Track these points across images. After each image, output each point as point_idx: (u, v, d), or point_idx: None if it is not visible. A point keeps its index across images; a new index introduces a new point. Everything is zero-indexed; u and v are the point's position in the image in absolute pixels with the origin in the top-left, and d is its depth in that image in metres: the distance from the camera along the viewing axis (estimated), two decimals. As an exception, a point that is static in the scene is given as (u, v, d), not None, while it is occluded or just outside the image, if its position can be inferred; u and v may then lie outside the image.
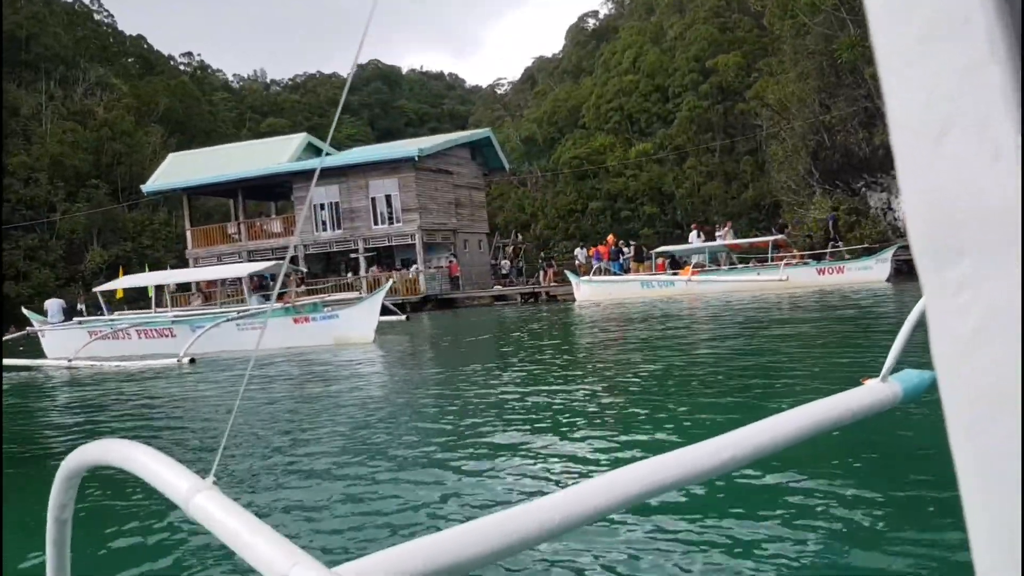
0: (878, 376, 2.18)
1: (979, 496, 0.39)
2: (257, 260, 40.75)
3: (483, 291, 38.53)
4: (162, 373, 16.21)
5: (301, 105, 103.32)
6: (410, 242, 38.42)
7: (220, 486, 1.22)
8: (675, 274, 29.65)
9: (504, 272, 42.89)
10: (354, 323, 19.84)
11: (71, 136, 53.32)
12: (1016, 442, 0.37)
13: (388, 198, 38.57)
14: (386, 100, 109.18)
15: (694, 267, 29.83)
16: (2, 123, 44.33)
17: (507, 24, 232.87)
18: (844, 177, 32.28)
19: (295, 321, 19.87)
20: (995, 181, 0.36)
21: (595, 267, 31.78)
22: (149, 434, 9.04)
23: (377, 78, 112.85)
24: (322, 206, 39.27)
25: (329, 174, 38.90)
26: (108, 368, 17.57)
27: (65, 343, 20.16)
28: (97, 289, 22.15)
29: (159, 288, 24.62)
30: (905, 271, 27.81)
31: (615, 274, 31.95)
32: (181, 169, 41.51)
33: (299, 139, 42.61)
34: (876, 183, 31.26)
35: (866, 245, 29.79)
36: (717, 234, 33.90)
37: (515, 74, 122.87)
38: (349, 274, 39.10)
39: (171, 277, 22.71)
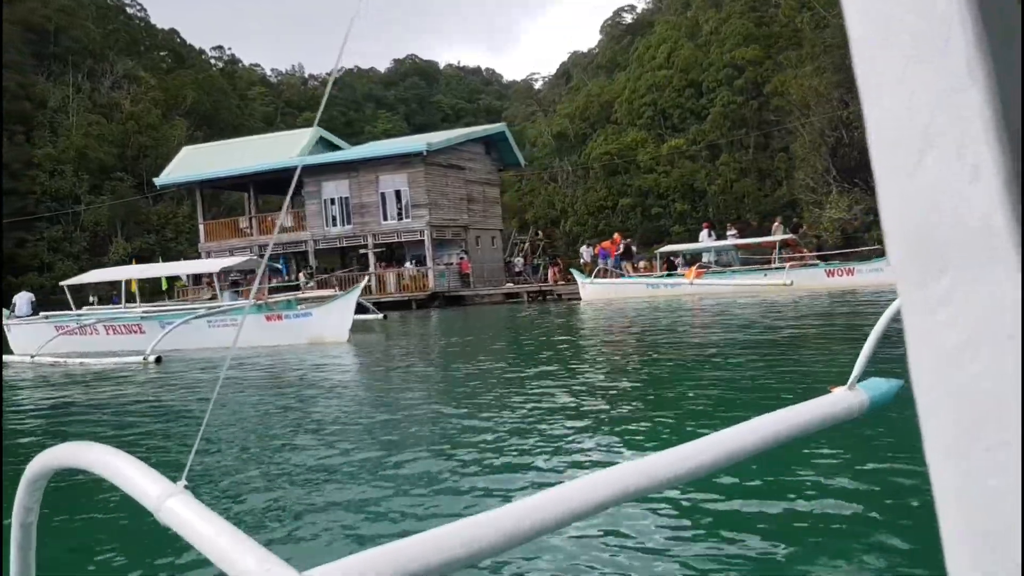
0: (845, 384, 2.14)
1: (957, 515, 0.39)
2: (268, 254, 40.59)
3: (491, 288, 37.79)
4: (126, 372, 15.77)
5: (337, 100, 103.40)
6: (419, 238, 37.84)
7: (191, 490, 1.18)
8: (670, 275, 28.62)
9: (518, 270, 42.11)
10: (328, 322, 19.31)
11: (96, 129, 53.69)
12: (999, 453, 0.37)
13: (398, 193, 38.05)
14: (423, 95, 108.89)
15: (700, 267, 28.78)
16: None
17: (546, 19, 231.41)
18: (863, 175, 30.91)
19: (267, 319, 19.37)
20: (974, 200, 0.37)
21: (599, 267, 30.84)
22: (111, 435, 8.73)
23: (414, 73, 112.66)
24: (332, 201, 38.90)
25: (339, 169, 38.51)
26: (71, 365, 17.18)
27: (32, 338, 19.81)
28: (64, 283, 21.81)
29: (171, 280, 24.31)
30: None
31: (620, 274, 31.00)
32: (195, 162, 41.43)
33: (310, 133, 42.24)
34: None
35: (879, 247, 28.47)
36: (729, 233, 32.77)
37: (551, 69, 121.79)
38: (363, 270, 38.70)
39: (138, 272, 22.32)
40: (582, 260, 34.53)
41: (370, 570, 1.04)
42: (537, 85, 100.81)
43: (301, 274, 39.64)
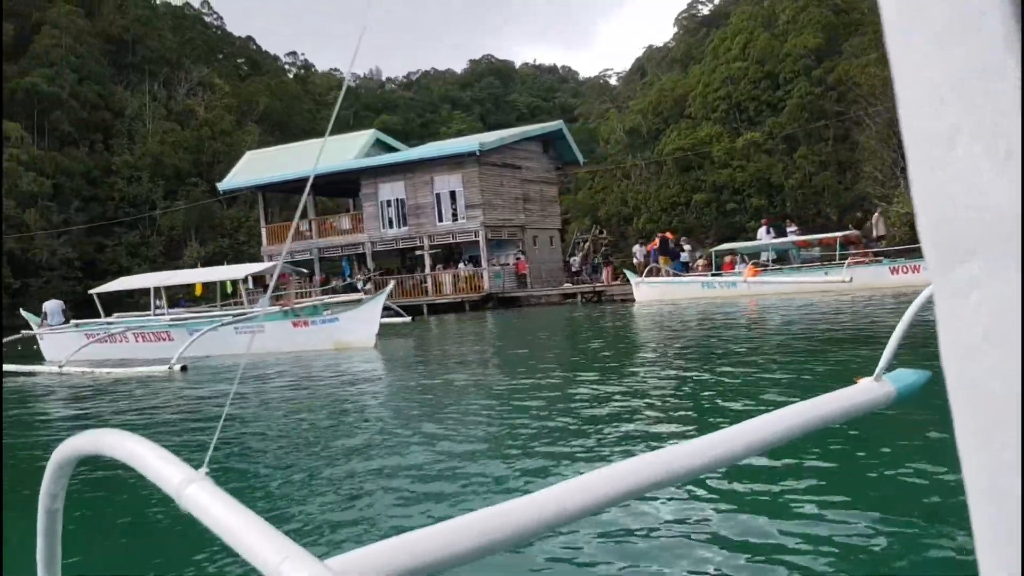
0: (872, 376, 2.11)
1: (987, 502, 0.39)
2: (327, 256, 40.94)
3: (544, 289, 37.23)
4: (152, 381, 15.80)
5: (414, 102, 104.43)
6: (474, 239, 37.55)
7: (213, 478, 1.20)
8: (716, 273, 27.58)
9: (575, 269, 41.40)
10: (354, 327, 19.16)
11: (172, 136, 55.20)
12: (1016, 454, 0.37)
13: (452, 194, 37.85)
14: (498, 95, 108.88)
15: (758, 265, 27.65)
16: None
17: (622, 13, 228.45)
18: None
19: (294, 325, 19.33)
20: (1006, 183, 0.37)
21: (650, 266, 29.95)
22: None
23: (490, 73, 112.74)
24: (388, 203, 38.95)
25: (395, 170, 38.55)
26: (99, 374, 17.33)
27: (63, 347, 20.01)
28: (93, 291, 22.14)
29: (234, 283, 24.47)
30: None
31: (675, 273, 30.04)
32: (258, 166, 42.09)
33: (367, 135, 42.44)
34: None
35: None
36: (789, 230, 31.44)
37: (626, 65, 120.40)
38: (418, 271, 38.70)
39: (169, 279, 22.53)
40: (635, 259, 33.65)
41: (390, 558, 1.04)
42: (612, 81, 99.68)
43: (358, 276, 39.90)
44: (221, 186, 42.90)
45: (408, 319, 24.16)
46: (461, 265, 38.23)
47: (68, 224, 50.18)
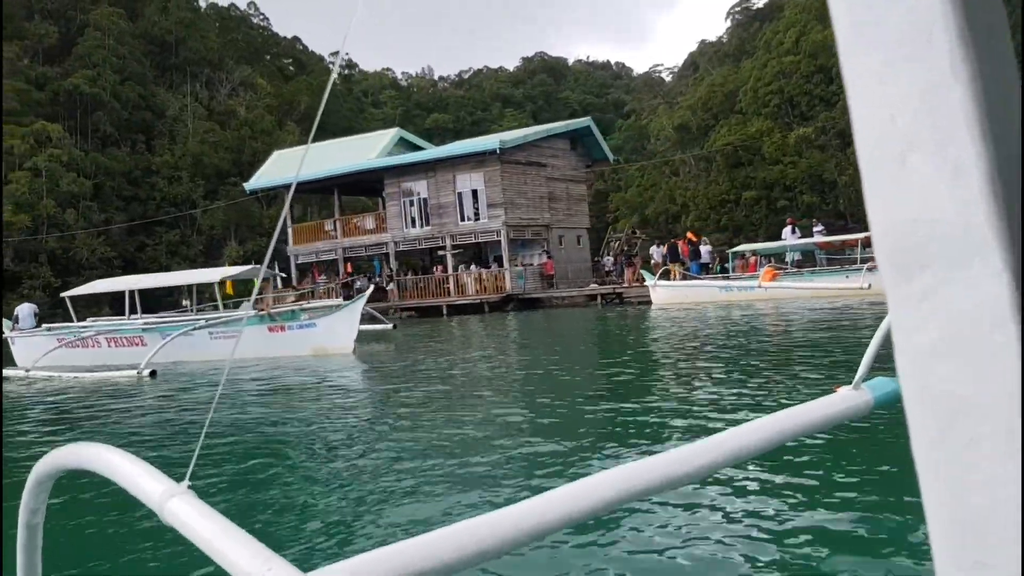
0: (851, 384, 2.10)
1: (942, 510, 0.40)
2: (351, 256, 40.62)
3: (565, 291, 36.26)
4: (118, 387, 15.43)
5: (465, 100, 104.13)
6: (496, 238, 36.79)
7: (194, 490, 1.20)
8: (725, 275, 26.36)
9: (607, 269, 40.29)
10: (332, 332, 18.63)
11: (212, 136, 55.67)
12: (975, 450, 0.38)
13: (474, 193, 37.13)
14: (550, 92, 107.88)
15: (775, 268, 26.30)
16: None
17: (679, 9, 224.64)
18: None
19: (270, 330, 18.86)
20: (956, 198, 0.37)
21: (663, 267, 28.81)
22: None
23: (543, 70, 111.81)
24: (411, 202, 38.43)
25: (417, 169, 38.01)
26: (65, 379, 17.04)
27: (34, 351, 19.74)
28: (66, 294, 21.92)
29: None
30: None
31: (693, 275, 28.86)
32: (284, 166, 42.00)
33: (391, 134, 42.02)
34: None
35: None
36: (815, 230, 29.96)
37: (679, 60, 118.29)
38: (437, 270, 38.12)
39: (141, 282, 22.21)
40: (652, 261, 32.52)
41: (374, 570, 1.04)
42: (667, 77, 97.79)
43: (381, 276, 39.52)
44: (248, 185, 42.96)
45: (390, 326, 23.49)
46: (474, 266, 37.56)
47: (109, 224, 50.94)
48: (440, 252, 38.45)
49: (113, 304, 25.06)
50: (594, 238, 58.00)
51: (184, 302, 35.34)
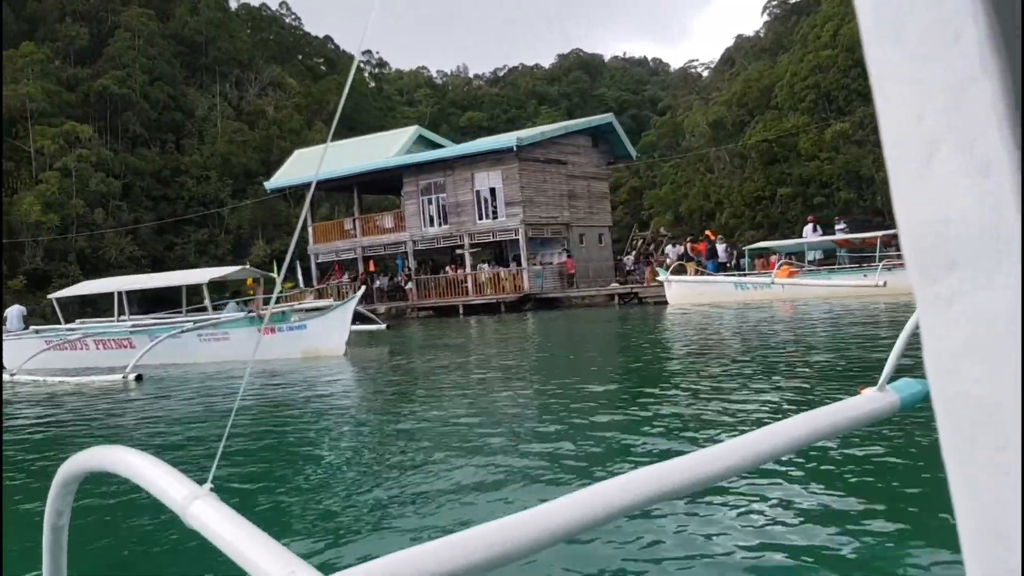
0: (875, 385, 2.09)
1: (972, 511, 0.39)
2: (370, 255, 40.39)
3: (583, 290, 35.64)
4: (104, 391, 15.15)
5: (499, 98, 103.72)
6: (514, 237, 36.28)
7: (217, 492, 1.21)
8: (736, 272, 25.53)
9: (629, 268, 39.56)
10: (323, 334, 18.35)
11: (240, 135, 55.89)
12: (1006, 454, 0.38)
13: (492, 191, 36.66)
14: (585, 89, 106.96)
15: (790, 266, 25.44)
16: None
17: (717, 3, 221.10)
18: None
19: (261, 332, 18.55)
20: (984, 196, 0.37)
21: (674, 265, 28.06)
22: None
23: (578, 67, 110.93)
24: (429, 200, 38.08)
25: (435, 167, 37.65)
26: (51, 383, 16.83)
27: (23, 354, 19.47)
28: (53, 296, 21.78)
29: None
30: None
31: (709, 273, 28.09)
32: (305, 165, 41.90)
33: (410, 132, 41.70)
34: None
35: None
36: (837, 228, 28.99)
37: (715, 56, 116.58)
38: (458, 269, 37.75)
39: (131, 283, 22.02)
40: (668, 261, 31.78)
41: (396, 572, 1.04)
42: (704, 73, 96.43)
43: (400, 275, 39.24)
44: (269, 184, 42.95)
45: (382, 326, 23.09)
46: (486, 265, 37.09)
47: (138, 223, 51.40)
48: (459, 251, 38.06)
49: (141, 303, 24.93)
50: (624, 236, 57.28)
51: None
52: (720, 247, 29.98)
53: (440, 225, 37.98)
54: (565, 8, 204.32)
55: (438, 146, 41.91)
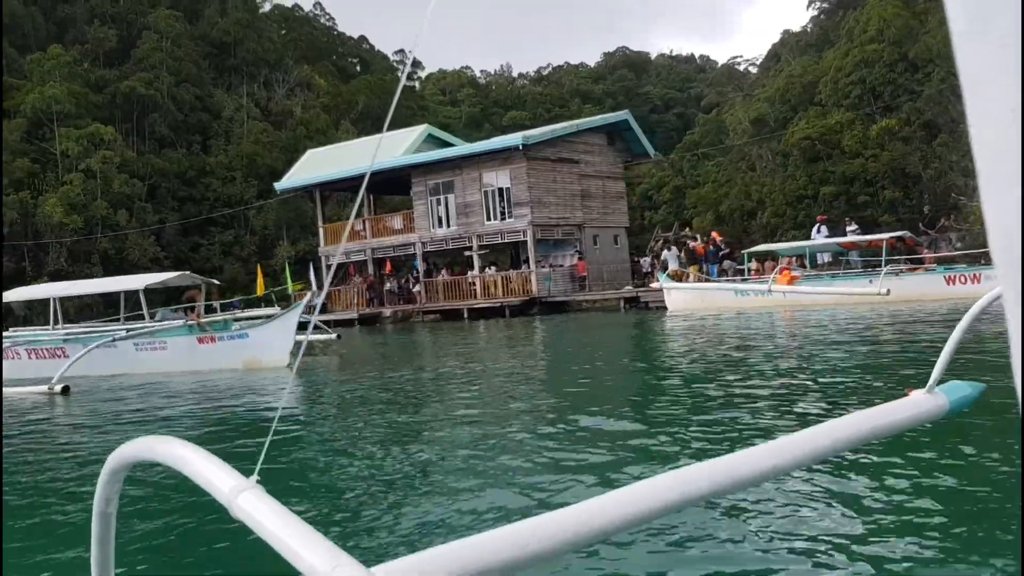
0: (924, 388, 2.05)
1: None
2: (379, 256, 39.58)
3: (590, 294, 34.30)
4: (26, 405, 14.26)
5: (543, 97, 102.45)
6: (522, 238, 35.11)
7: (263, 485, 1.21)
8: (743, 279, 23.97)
9: (646, 270, 37.99)
10: (266, 344, 17.40)
11: (267, 136, 55.70)
12: None
13: (501, 191, 35.53)
14: (630, 87, 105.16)
15: (791, 271, 23.80)
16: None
17: (764, 1, 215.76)
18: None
19: (200, 341, 17.75)
20: None
21: (670, 268, 26.60)
22: None
23: (624, 65, 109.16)
24: (438, 201, 37.12)
25: (444, 167, 36.68)
26: None
27: None
28: None
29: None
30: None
31: (711, 277, 26.57)
32: (316, 165, 41.30)
33: (419, 131, 40.76)
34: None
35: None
36: (848, 229, 27.22)
37: (761, 52, 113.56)
38: (462, 272, 36.76)
39: (67, 289, 21.29)
40: (669, 265, 30.26)
41: (437, 566, 1.05)
42: (751, 69, 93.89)
43: (410, 277, 38.37)
44: (279, 185, 42.45)
45: (333, 336, 22.08)
46: (491, 268, 35.96)
47: (163, 224, 51.50)
48: (467, 253, 37.03)
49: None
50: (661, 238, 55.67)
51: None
52: (726, 250, 28.40)
53: (449, 226, 37.00)
54: (613, 6, 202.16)
55: (449, 145, 40.91)
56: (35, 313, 25.20)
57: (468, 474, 6.50)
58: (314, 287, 40.83)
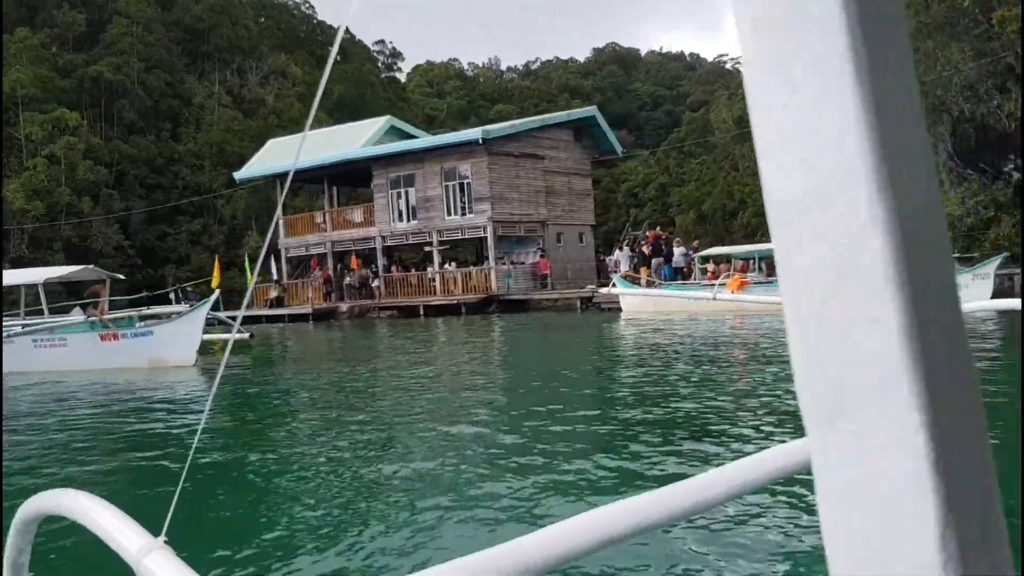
0: None
1: None
2: (339, 250, 38.75)
3: (547, 293, 33.53)
4: None
5: (531, 91, 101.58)
6: (483, 234, 34.33)
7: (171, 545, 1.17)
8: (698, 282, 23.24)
9: (612, 270, 37.19)
10: (172, 342, 16.69)
11: (237, 124, 54.77)
12: None
13: (462, 186, 34.73)
14: (620, 83, 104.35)
15: (742, 276, 23.05)
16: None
17: None
18: (988, 158, 23.53)
19: (102, 338, 16.98)
20: (876, 344, 0.37)
21: (622, 271, 25.84)
22: None
23: (613, 61, 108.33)
24: (399, 195, 36.29)
25: (404, 160, 35.86)
26: None
27: None
28: None
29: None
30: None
31: (665, 278, 25.80)
32: (278, 155, 40.42)
33: (381, 122, 39.94)
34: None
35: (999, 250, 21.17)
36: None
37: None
38: (428, 268, 35.96)
39: None
40: (621, 267, 29.53)
41: None
42: (739, 68, 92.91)
43: (367, 270, 37.54)
44: (237, 175, 41.62)
45: (247, 335, 21.28)
46: (449, 265, 35.20)
47: (129, 212, 50.60)
48: (427, 248, 36.25)
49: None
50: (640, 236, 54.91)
51: (170, 296, 34.11)
52: (678, 251, 27.59)
53: (409, 220, 36.19)
54: (604, 2, 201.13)
55: (412, 137, 40.07)
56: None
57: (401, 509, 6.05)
58: (275, 279, 40.08)
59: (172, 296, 32.63)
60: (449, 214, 35.12)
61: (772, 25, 0.38)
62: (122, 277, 19.69)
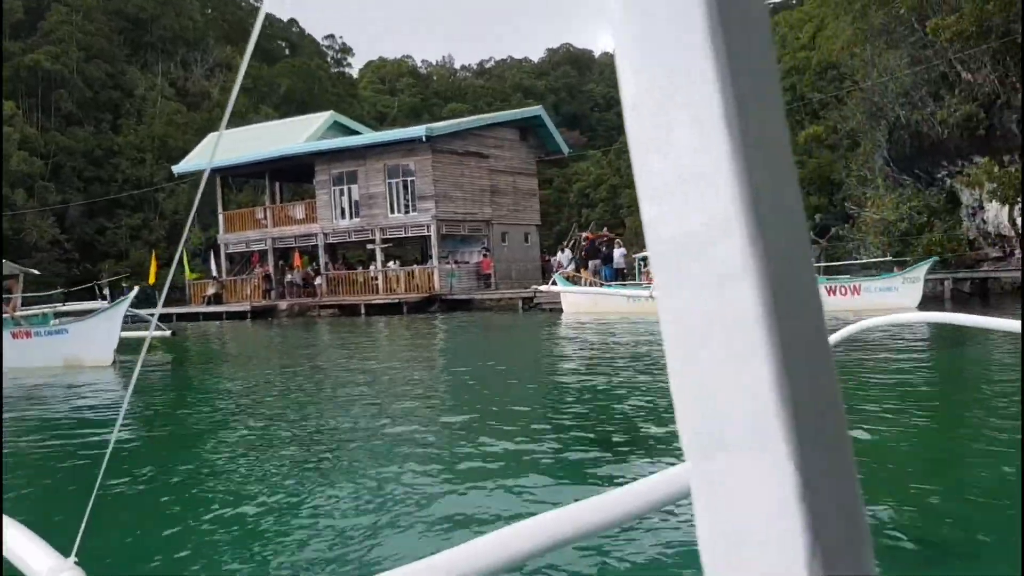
0: None
1: None
2: (281, 247, 38.11)
3: (490, 293, 33.34)
4: None
5: (484, 90, 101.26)
6: (426, 233, 33.99)
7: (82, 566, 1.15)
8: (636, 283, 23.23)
9: (554, 269, 37.09)
10: (88, 340, 16.11)
11: (181, 117, 53.69)
12: None
13: (406, 184, 34.34)
14: (573, 84, 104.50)
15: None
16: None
17: None
18: (922, 165, 23.84)
19: (14, 336, 16.35)
20: (748, 382, 0.38)
21: (562, 271, 25.75)
22: None
23: (567, 62, 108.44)
24: (341, 191, 35.77)
25: (347, 156, 35.36)
26: None
27: None
28: None
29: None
30: (962, 296, 19.62)
31: (605, 279, 25.75)
32: (218, 149, 39.52)
33: (324, 118, 39.41)
34: (960, 172, 22.64)
35: (937, 256, 21.36)
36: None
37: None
38: (371, 267, 35.48)
39: None
40: (562, 267, 29.46)
41: None
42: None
43: (308, 268, 36.98)
44: (176, 169, 40.70)
45: (168, 333, 20.78)
46: (392, 263, 34.80)
47: (66, 205, 49.28)
48: (369, 246, 35.78)
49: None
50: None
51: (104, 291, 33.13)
52: (618, 252, 27.56)
53: (352, 218, 35.69)
54: (558, 2, 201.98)
55: (356, 133, 39.55)
56: None
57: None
58: (215, 275, 39.26)
59: (98, 290, 31.70)
60: (393, 212, 34.72)
61: (652, 73, 0.39)
62: (36, 272, 18.98)
